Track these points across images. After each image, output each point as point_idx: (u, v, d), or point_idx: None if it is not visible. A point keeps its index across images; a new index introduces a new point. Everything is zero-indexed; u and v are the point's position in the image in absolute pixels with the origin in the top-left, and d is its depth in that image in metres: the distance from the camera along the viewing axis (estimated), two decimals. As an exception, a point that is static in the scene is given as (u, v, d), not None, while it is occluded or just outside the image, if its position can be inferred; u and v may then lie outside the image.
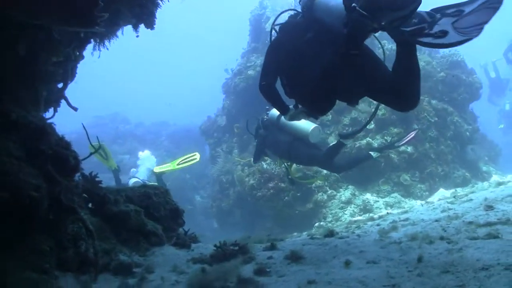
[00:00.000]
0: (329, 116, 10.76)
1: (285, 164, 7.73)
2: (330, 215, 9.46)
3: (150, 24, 4.53)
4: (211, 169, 14.80)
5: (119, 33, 4.56)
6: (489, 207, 4.05)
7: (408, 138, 7.91)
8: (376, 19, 3.10)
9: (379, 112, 10.08)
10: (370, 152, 7.62)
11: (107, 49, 4.54)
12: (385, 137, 9.87)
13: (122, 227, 3.70)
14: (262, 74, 4.17)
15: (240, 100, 13.55)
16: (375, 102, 5.70)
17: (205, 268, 3.10)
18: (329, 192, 9.85)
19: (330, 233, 4.07)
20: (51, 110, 4.69)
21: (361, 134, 10.12)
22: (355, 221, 6.40)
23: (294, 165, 9.32)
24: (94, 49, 4.48)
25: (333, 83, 3.66)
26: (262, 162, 10.28)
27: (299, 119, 4.56)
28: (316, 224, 9.30)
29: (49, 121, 4.78)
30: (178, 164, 11.22)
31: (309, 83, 3.73)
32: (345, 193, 9.73)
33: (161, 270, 3.26)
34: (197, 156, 11.40)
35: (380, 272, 2.54)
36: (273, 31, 4.31)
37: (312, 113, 4.38)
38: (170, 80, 51.44)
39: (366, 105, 10.44)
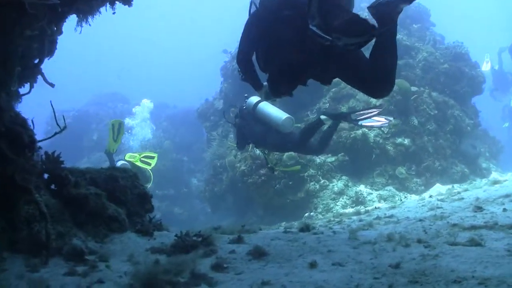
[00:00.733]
0: (326, 105, 10.44)
1: (263, 152, 7.62)
2: (321, 206, 9.18)
3: (127, 1, 4.35)
4: (205, 152, 14.54)
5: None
6: (479, 208, 3.77)
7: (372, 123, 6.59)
8: (332, 38, 3.08)
9: (377, 103, 9.76)
10: (321, 118, 6.73)
11: (90, 25, 4.45)
12: (382, 128, 9.55)
13: (80, 211, 3.45)
14: (239, 46, 4.13)
15: (237, 84, 13.20)
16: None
17: (159, 260, 2.85)
18: (322, 182, 9.54)
19: (306, 228, 3.79)
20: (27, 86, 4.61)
21: (357, 124, 9.82)
22: (341, 215, 6.13)
23: (287, 153, 9.09)
24: (77, 25, 4.41)
25: (305, 63, 3.62)
26: (255, 148, 10.00)
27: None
28: (306, 214, 9.04)
29: (24, 96, 4.63)
30: (140, 159, 10.70)
31: (282, 60, 3.70)
32: (338, 184, 9.43)
33: (116, 259, 3.03)
34: (153, 162, 10.92)
35: (342, 276, 2.27)
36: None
37: (274, 93, 4.21)
38: (173, 61, 51.04)
39: (364, 94, 10.12)
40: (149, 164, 10.73)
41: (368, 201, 8.87)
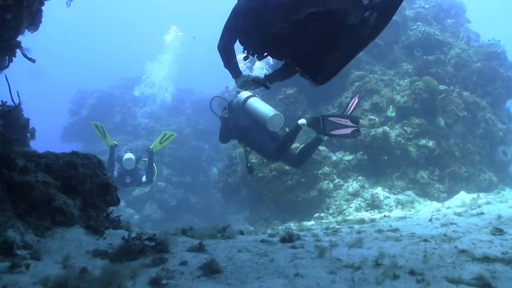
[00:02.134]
0: (348, 99, 9.76)
1: (245, 149, 7.33)
2: (334, 207, 8.54)
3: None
4: (222, 141, 14.07)
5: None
6: (498, 231, 3.09)
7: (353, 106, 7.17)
8: None
9: (401, 100, 9.03)
10: (318, 136, 6.69)
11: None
12: (405, 127, 8.82)
13: (22, 200, 2.97)
14: (222, 33, 4.02)
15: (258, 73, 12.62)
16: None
17: (86, 268, 2.32)
18: (336, 181, 8.88)
19: (289, 238, 3.21)
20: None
21: (379, 121, 9.12)
22: (344, 221, 5.50)
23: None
24: (68, -1, 4.28)
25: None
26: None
27: (248, 87, 4.30)
28: (316, 215, 8.43)
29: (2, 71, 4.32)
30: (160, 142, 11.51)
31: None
32: (353, 184, 8.75)
33: (50, 258, 2.56)
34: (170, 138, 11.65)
35: (294, 319, 1.69)
36: None
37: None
38: (201, 47, 50.93)
39: (388, 90, 9.39)
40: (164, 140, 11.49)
41: (385, 206, 8.18)
